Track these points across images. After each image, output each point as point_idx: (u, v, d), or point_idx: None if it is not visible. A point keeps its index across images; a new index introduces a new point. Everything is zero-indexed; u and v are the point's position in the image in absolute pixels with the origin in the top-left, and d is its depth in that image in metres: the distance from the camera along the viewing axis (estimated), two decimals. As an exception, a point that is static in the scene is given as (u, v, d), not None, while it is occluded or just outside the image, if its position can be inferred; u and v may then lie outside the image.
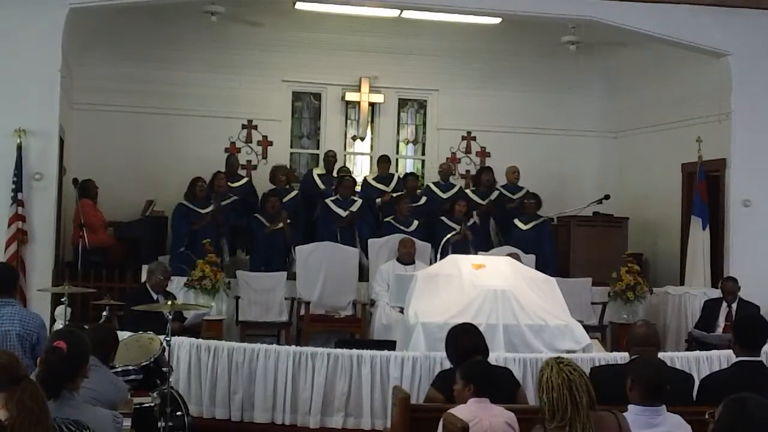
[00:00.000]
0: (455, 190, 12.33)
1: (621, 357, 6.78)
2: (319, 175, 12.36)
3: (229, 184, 11.60)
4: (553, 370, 3.72)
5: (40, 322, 5.62)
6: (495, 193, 12.25)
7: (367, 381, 7.31)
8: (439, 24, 12.13)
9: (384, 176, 12.50)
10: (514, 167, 12.53)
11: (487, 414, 4.75)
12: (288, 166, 12.57)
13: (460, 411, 4.74)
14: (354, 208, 11.42)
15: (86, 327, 5.58)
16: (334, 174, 12.28)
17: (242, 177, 12.24)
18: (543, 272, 8.79)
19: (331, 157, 12.53)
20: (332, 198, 11.53)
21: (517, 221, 11.60)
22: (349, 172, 12.57)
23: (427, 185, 12.74)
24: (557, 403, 3.66)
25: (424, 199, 12.12)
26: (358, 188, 12.29)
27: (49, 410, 3.11)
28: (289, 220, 11.11)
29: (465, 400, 4.85)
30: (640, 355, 5.29)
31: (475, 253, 10.29)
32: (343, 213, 11.36)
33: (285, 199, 11.54)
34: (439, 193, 12.32)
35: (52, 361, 3.65)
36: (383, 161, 12.61)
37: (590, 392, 3.71)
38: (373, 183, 12.47)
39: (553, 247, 11.59)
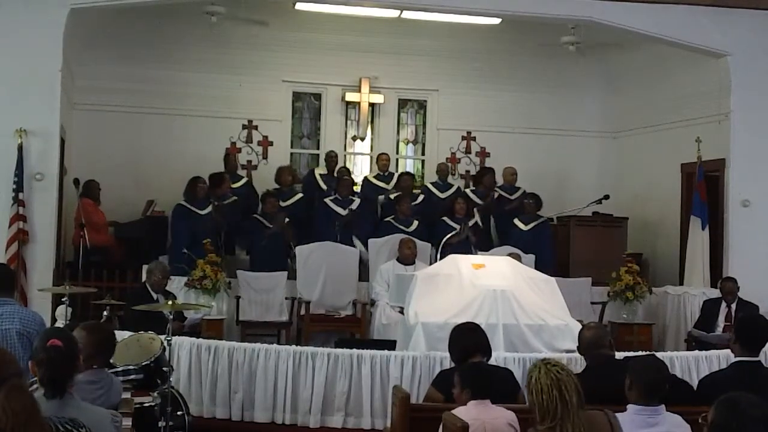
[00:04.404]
0: (453, 189, 12.35)
1: (619, 357, 6.79)
2: (321, 175, 12.39)
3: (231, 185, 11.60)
4: (541, 371, 3.73)
5: (40, 320, 5.60)
6: (495, 194, 12.27)
7: (367, 381, 7.32)
8: (439, 24, 12.15)
9: (384, 174, 12.53)
10: (512, 168, 12.55)
11: (489, 416, 4.76)
12: (291, 166, 12.52)
13: (460, 413, 4.75)
14: (353, 206, 11.43)
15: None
16: (335, 174, 12.30)
17: (242, 177, 12.23)
18: (542, 272, 8.80)
19: (333, 158, 12.56)
20: (331, 197, 11.54)
21: (517, 221, 11.61)
22: (349, 172, 12.59)
23: (425, 185, 12.77)
24: (547, 404, 3.66)
25: (420, 198, 12.15)
26: (357, 188, 12.33)
27: (39, 409, 3.06)
28: (287, 219, 11.10)
29: (464, 402, 4.86)
30: (593, 359, 5.30)
31: (476, 254, 10.30)
32: (342, 211, 11.36)
33: (288, 201, 11.56)
34: (438, 193, 12.34)
35: (56, 359, 3.64)
36: (382, 159, 12.63)
37: (579, 392, 3.72)
38: (374, 181, 12.51)
39: (553, 247, 11.57)
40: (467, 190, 12.42)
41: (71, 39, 9.85)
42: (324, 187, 12.09)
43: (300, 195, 11.95)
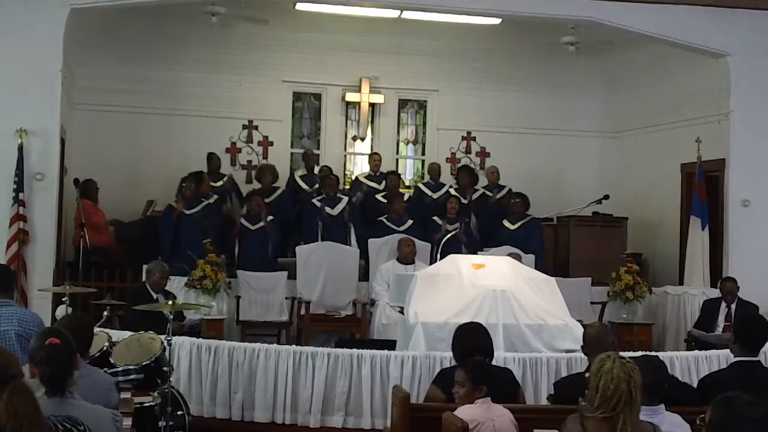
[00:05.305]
0: (445, 189, 12.31)
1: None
2: (300, 176, 12.35)
3: (210, 183, 11.56)
4: (616, 362, 3.76)
5: (39, 322, 5.57)
6: (477, 193, 12.26)
7: (367, 381, 7.33)
8: (439, 24, 12.15)
9: (376, 174, 12.51)
10: (493, 167, 12.63)
11: (495, 414, 4.78)
12: (274, 165, 12.37)
13: (465, 412, 4.74)
14: (341, 206, 11.38)
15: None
16: (316, 173, 12.25)
17: (223, 176, 12.13)
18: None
19: (310, 156, 12.53)
20: (318, 197, 11.48)
21: (505, 221, 11.54)
22: (331, 171, 12.45)
23: (417, 185, 12.76)
24: (613, 393, 3.68)
25: (407, 196, 12.14)
26: (346, 186, 12.31)
27: (40, 409, 3.08)
28: (271, 217, 11.08)
29: (472, 400, 4.86)
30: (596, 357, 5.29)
31: (475, 253, 10.29)
32: (332, 211, 11.31)
33: (271, 197, 11.53)
34: (429, 193, 12.33)
35: (54, 356, 3.66)
36: (375, 159, 12.62)
37: (641, 393, 3.76)
38: (366, 181, 12.48)
39: (543, 246, 11.45)
40: (450, 190, 12.29)
41: (71, 39, 9.85)
42: (306, 188, 12.05)
43: (281, 189, 11.91)
